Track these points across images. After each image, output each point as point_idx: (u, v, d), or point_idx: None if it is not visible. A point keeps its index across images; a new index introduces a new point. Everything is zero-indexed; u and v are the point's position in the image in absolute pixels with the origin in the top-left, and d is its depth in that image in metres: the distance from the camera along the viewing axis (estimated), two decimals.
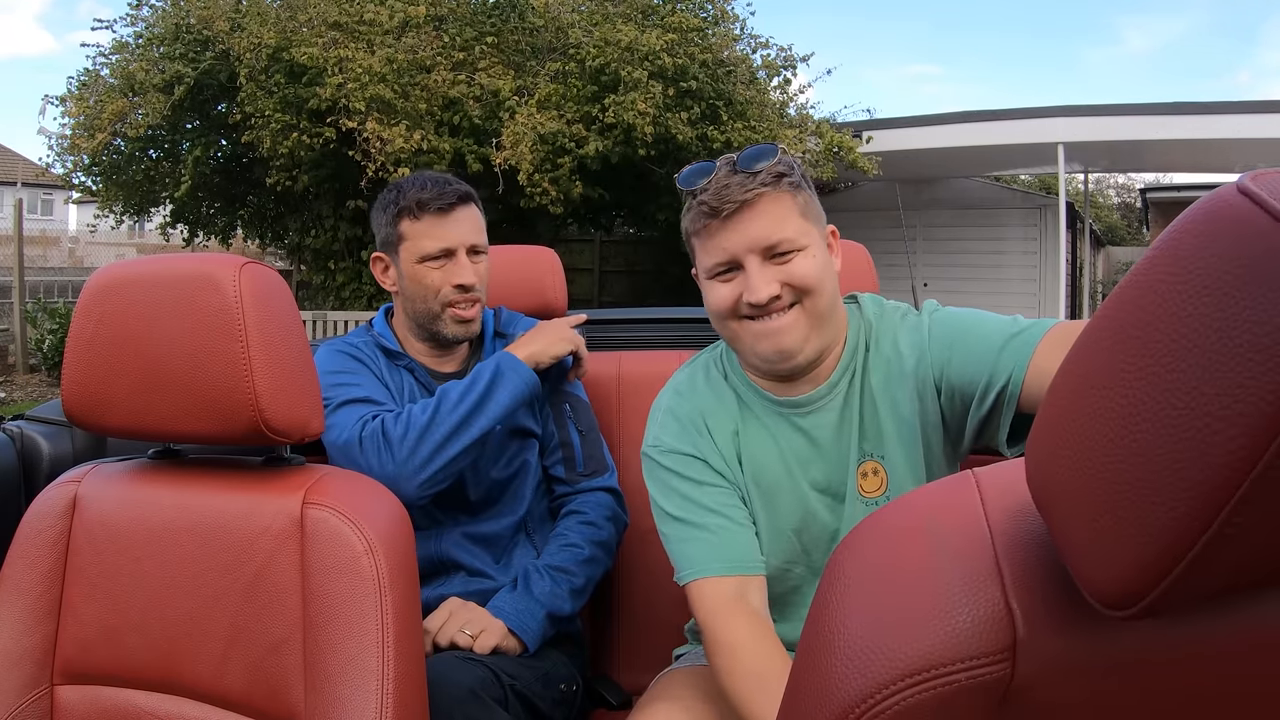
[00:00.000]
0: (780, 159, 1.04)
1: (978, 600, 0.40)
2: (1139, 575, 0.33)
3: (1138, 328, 0.34)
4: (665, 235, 10.07)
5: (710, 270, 1.06)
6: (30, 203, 15.68)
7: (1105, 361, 0.35)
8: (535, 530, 1.49)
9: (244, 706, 0.91)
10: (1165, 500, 0.31)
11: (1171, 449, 0.31)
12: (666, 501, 1.11)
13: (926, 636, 0.39)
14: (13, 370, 9.49)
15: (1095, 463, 0.35)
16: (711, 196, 1.02)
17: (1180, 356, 0.31)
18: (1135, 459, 0.33)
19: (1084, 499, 0.35)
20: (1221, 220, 0.32)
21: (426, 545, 1.39)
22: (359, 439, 1.29)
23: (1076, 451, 0.36)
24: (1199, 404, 0.31)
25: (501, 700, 1.19)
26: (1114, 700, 0.40)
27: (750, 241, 1.02)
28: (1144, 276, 0.35)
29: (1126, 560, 0.33)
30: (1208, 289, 0.31)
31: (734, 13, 8.79)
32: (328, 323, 8.73)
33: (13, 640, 0.96)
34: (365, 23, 7.54)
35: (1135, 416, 0.33)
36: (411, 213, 1.42)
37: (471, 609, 1.33)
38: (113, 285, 0.94)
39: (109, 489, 1.00)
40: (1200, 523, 0.31)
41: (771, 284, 1.02)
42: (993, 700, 0.40)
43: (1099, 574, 0.35)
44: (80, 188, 9.34)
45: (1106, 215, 21.38)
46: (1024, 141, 9.56)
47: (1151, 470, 0.32)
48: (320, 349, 1.43)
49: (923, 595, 0.40)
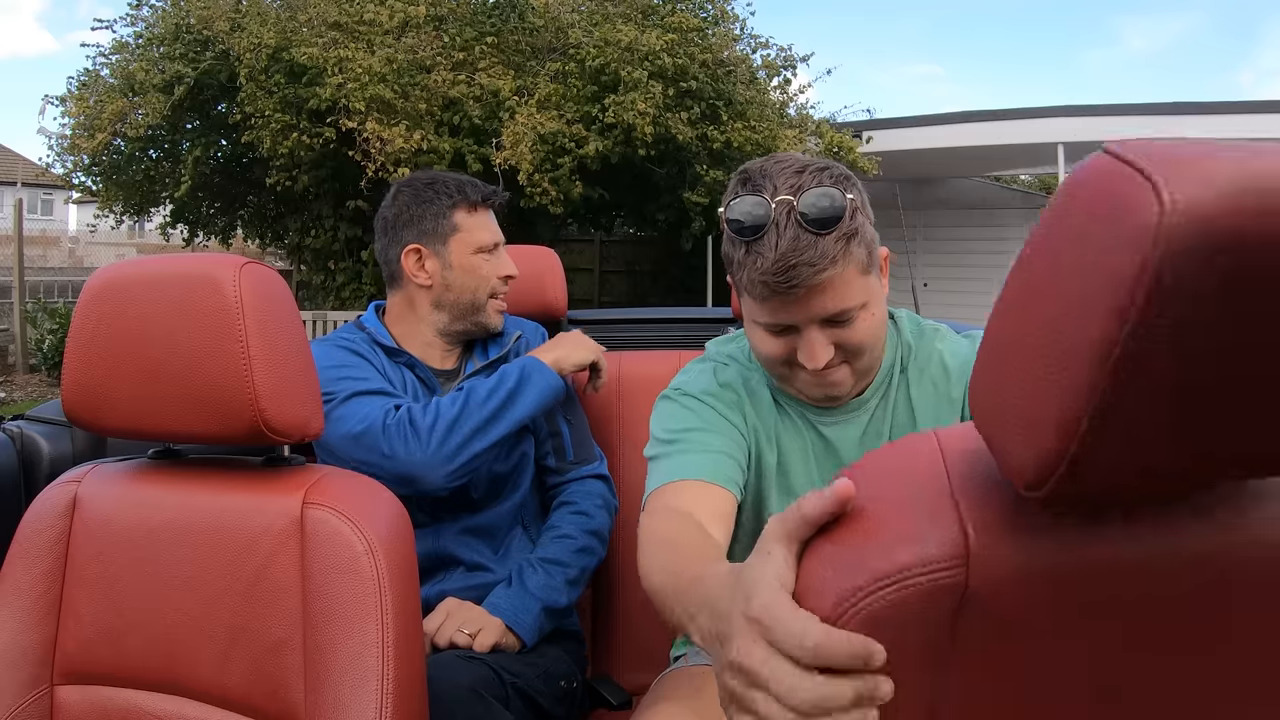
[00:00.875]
0: (849, 212, 0.93)
1: (937, 522, 0.49)
2: (1047, 456, 0.44)
3: (1029, 270, 0.45)
4: (665, 235, 10.07)
5: (763, 324, 1.00)
6: (30, 203, 15.68)
7: (1015, 296, 0.46)
8: (531, 522, 1.49)
9: (244, 706, 0.91)
10: (1057, 395, 0.42)
11: (1058, 358, 0.43)
12: (662, 428, 1.08)
13: (894, 550, 0.49)
14: (13, 370, 9.49)
15: (1011, 379, 0.45)
16: (778, 274, 0.92)
17: (1057, 284, 0.43)
18: (1037, 370, 0.44)
19: (1007, 409, 0.46)
20: (1086, 173, 0.42)
21: (426, 541, 1.39)
22: (383, 426, 1.29)
23: (999, 374, 0.47)
24: (1073, 322, 0.41)
25: (502, 698, 1.19)
26: (1053, 611, 0.50)
27: (813, 315, 0.96)
28: (1037, 234, 0.45)
29: (1037, 447, 0.44)
30: (1074, 231, 0.42)
31: (734, 13, 8.79)
32: (328, 323, 8.72)
33: (12, 640, 0.96)
34: (365, 23, 7.54)
35: (1034, 336, 0.44)
36: (471, 205, 1.48)
37: (469, 608, 1.33)
38: (113, 285, 0.94)
39: (109, 489, 1.00)
40: (1082, 404, 0.41)
41: (828, 348, 0.98)
42: (952, 603, 0.49)
43: (1020, 463, 0.46)
44: (80, 188, 9.33)
45: None
46: (1024, 141, 9.56)
47: (1048, 376, 0.43)
48: (313, 346, 1.43)
49: (892, 521, 0.50)
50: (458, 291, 1.47)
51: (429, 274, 1.47)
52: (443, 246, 1.46)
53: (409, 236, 1.47)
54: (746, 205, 0.94)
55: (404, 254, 1.47)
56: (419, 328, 1.49)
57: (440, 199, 1.46)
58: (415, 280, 1.47)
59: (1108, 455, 0.43)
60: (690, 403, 1.08)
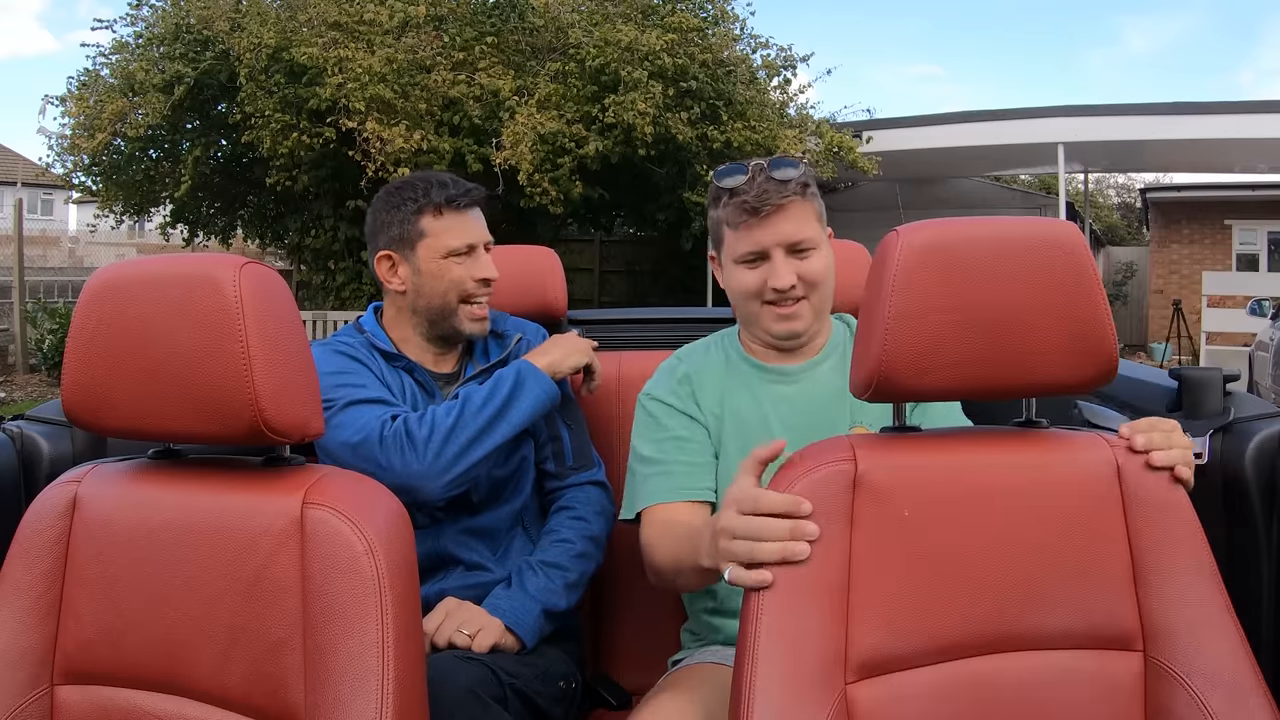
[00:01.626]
0: (804, 171, 1.27)
1: (837, 443, 0.95)
2: (869, 376, 0.91)
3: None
4: (665, 235, 10.08)
5: (740, 257, 1.27)
6: (30, 203, 15.68)
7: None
8: (531, 524, 1.49)
9: (244, 706, 0.91)
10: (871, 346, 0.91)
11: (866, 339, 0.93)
12: (642, 442, 1.33)
13: (811, 457, 0.94)
14: (13, 370, 9.50)
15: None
16: (754, 198, 1.23)
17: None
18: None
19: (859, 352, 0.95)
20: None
21: (426, 542, 1.38)
22: (379, 437, 1.28)
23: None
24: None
25: (500, 698, 1.19)
26: (911, 488, 0.91)
27: (779, 238, 1.25)
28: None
29: (868, 367, 0.92)
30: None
31: (734, 13, 8.80)
32: (328, 323, 8.73)
33: (12, 640, 0.96)
34: (365, 23, 7.55)
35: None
36: (436, 208, 1.43)
37: (468, 608, 1.33)
38: (113, 285, 0.94)
39: (109, 489, 1.00)
40: (878, 345, 0.90)
41: (791, 275, 1.25)
42: (849, 481, 0.91)
43: (856, 375, 0.95)
44: (80, 188, 9.34)
45: (1106, 215, 21.39)
46: (1024, 141, 9.56)
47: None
48: (313, 349, 1.43)
49: (811, 449, 0.95)
50: (428, 296, 1.45)
51: (401, 279, 1.46)
52: (411, 252, 1.45)
53: (382, 243, 1.47)
54: (729, 169, 1.28)
55: (378, 260, 1.47)
56: (410, 332, 1.49)
57: (406, 204, 1.44)
58: (390, 286, 1.47)
59: (908, 373, 0.90)
60: (656, 408, 1.34)
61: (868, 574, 0.89)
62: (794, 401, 1.32)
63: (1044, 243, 0.91)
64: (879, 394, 0.92)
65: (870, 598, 0.89)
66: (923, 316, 0.89)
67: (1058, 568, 0.91)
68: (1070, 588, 0.91)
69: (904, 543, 0.90)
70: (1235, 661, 0.89)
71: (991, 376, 0.91)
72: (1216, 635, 0.90)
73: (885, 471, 0.91)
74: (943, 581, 0.90)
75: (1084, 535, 0.92)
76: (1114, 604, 0.92)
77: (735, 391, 1.33)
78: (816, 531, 0.87)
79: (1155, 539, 0.93)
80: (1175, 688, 0.89)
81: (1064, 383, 0.92)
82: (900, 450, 0.94)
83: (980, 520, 0.91)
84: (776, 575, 0.88)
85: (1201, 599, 0.91)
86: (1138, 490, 0.94)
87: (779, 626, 0.87)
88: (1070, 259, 0.91)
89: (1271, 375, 6.74)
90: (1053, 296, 0.90)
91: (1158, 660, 0.91)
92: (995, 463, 0.94)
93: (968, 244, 0.90)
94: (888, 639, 0.89)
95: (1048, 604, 0.91)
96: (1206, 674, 0.88)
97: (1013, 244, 0.91)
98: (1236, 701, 0.87)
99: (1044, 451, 0.96)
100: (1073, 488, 0.93)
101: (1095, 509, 0.93)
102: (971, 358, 0.90)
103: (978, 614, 0.90)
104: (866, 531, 0.90)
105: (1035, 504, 0.92)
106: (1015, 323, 0.89)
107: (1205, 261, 12.61)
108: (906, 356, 0.89)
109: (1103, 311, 0.91)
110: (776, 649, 0.86)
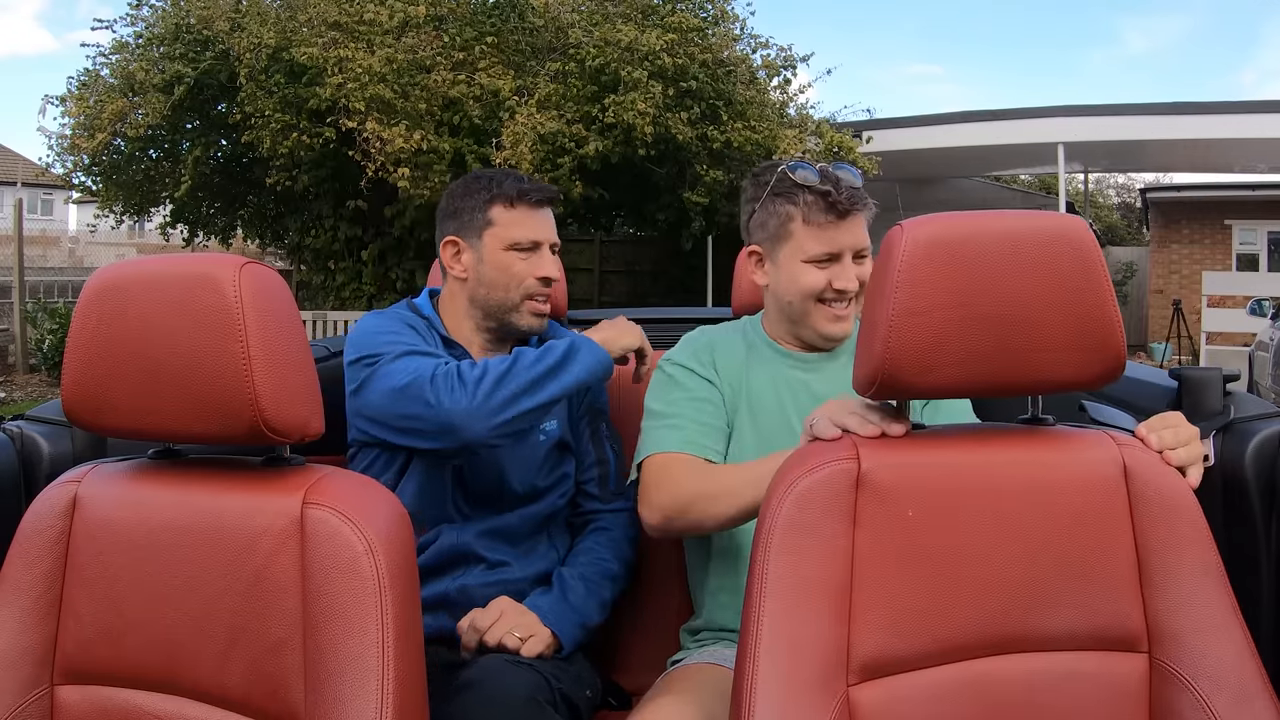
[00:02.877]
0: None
1: (840, 443, 0.95)
2: (872, 373, 0.90)
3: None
4: (665, 235, 10.07)
5: (813, 256, 1.30)
6: (30, 203, 15.68)
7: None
8: (557, 534, 1.50)
9: (244, 706, 0.91)
10: (874, 342, 0.89)
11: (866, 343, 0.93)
12: (656, 400, 1.35)
13: (814, 455, 0.94)
14: (13, 370, 9.50)
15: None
16: (845, 199, 1.27)
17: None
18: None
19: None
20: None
21: (450, 536, 1.39)
22: (430, 377, 1.27)
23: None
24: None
25: (553, 704, 1.20)
26: (915, 487, 0.91)
27: (855, 241, 1.30)
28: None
29: (872, 364, 0.90)
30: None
31: (734, 13, 8.79)
32: (328, 323, 8.72)
33: (12, 640, 0.96)
34: (365, 23, 7.54)
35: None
36: (508, 200, 1.44)
37: (523, 612, 1.33)
38: (113, 285, 0.94)
39: (109, 489, 0.99)
40: (881, 341, 0.88)
41: (855, 278, 1.30)
42: (851, 480, 0.91)
43: (859, 373, 0.93)
44: (80, 188, 9.33)
45: (1106, 215, 21.39)
46: (1024, 141, 9.57)
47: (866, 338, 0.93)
48: (368, 316, 1.45)
49: (816, 446, 0.97)
50: (489, 287, 1.45)
51: (464, 267, 1.46)
52: (477, 239, 1.45)
53: (450, 228, 1.48)
54: (801, 165, 1.31)
55: (443, 245, 1.48)
56: (463, 322, 1.49)
57: (479, 193, 1.46)
58: (451, 272, 1.48)
59: (910, 369, 0.88)
60: (676, 370, 1.36)
61: (870, 574, 0.89)
62: (810, 387, 1.34)
63: (1051, 237, 0.89)
64: (883, 391, 0.91)
65: (873, 598, 0.88)
66: (927, 312, 0.86)
67: (1063, 568, 0.90)
68: (1075, 588, 0.90)
69: (907, 542, 0.89)
70: (1241, 664, 0.88)
71: (997, 373, 0.89)
72: (1223, 638, 0.89)
73: (888, 470, 0.91)
74: (946, 581, 0.89)
75: (1090, 534, 0.91)
76: (1119, 605, 0.91)
77: (755, 370, 1.37)
78: (902, 429, 0.95)
79: (1162, 539, 0.91)
80: (1181, 690, 0.88)
81: (1071, 380, 0.90)
82: (903, 448, 0.93)
83: (984, 519, 0.90)
84: (778, 575, 0.87)
85: (1208, 601, 0.90)
86: (1144, 489, 0.92)
87: (780, 627, 0.86)
88: (1078, 253, 0.89)
89: (1271, 375, 6.75)
90: (1060, 292, 0.88)
91: (1163, 662, 0.90)
92: (1000, 461, 0.93)
93: (973, 239, 0.88)
94: (891, 640, 0.88)
95: (1053, 605, 0.90)
96: (1212, 677, 0.87)
97: (1019, 239, 0.89)
98: (1242, 705, 0.86)
99: (1049, 450, 0.94)
100: (1079, 486, 0.92)
101: (1101, 508, 0.91)
102: (977, 354, 0.88)
103: (982, 615, 0.89)
104: (869, 531, 0.89)
105: (1040, 502, 0.91)
106: (1021, 319, 0.87)
107: (1205, 261, 12.60)
108: (911, 353, 0.87)
109: (1110, 307, 0.89)
110: (778, 650, 0.86)
